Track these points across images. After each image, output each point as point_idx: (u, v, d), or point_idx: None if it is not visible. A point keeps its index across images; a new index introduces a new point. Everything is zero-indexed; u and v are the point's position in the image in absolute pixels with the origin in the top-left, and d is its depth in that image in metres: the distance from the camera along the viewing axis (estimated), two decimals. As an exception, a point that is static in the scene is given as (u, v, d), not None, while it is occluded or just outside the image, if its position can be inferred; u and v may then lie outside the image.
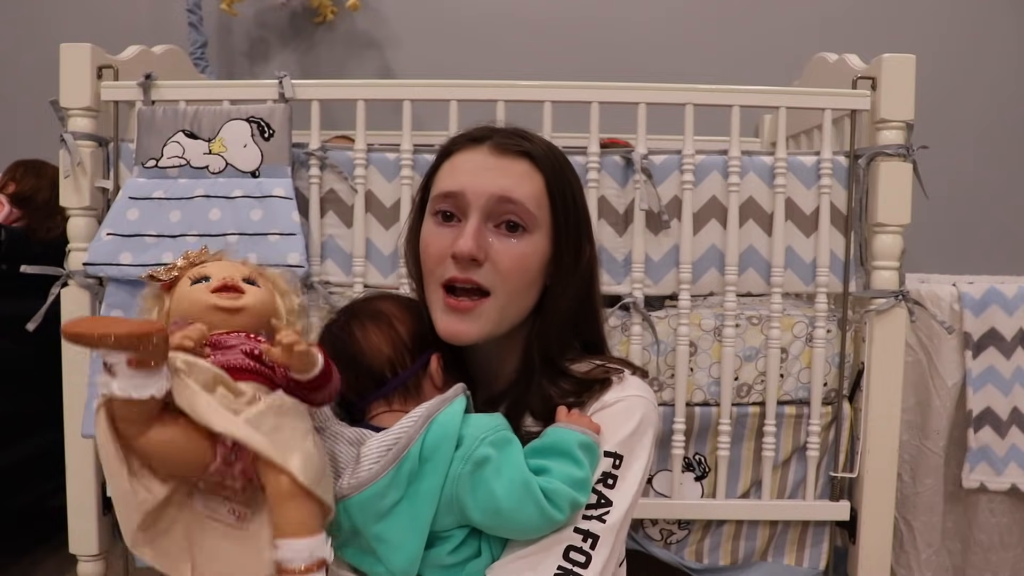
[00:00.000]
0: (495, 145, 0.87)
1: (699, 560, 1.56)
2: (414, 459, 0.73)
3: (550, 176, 0.87)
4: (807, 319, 1.50)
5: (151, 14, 2.41)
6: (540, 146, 0.89)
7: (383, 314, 0.86)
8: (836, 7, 2.36)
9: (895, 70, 1.43)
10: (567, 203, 0.88)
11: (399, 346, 0.83)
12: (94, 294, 1.48)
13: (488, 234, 0.84)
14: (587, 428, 0.79)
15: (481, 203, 0.83)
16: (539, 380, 0.86)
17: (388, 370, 0.82)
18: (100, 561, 1.56)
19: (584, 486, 0.77)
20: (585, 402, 0.85)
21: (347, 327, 0.85)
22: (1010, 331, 1.59)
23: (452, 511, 0.75)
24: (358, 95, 1.49)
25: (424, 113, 1.58)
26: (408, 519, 0.73)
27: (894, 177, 1.44)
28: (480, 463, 0.74)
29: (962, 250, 2.36)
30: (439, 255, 0.84)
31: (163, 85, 1.50)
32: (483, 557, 0.78)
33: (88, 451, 1.50)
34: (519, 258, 0.84)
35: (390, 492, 0.73)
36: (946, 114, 2.31)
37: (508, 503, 0.73)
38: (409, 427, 0.75)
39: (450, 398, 0.78)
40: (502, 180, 0.84)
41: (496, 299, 0.84)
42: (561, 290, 0.88)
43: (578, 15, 2.38)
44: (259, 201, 1.41)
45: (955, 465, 1.64)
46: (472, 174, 0.85)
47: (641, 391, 0.86)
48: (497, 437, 0.76)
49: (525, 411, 0.86)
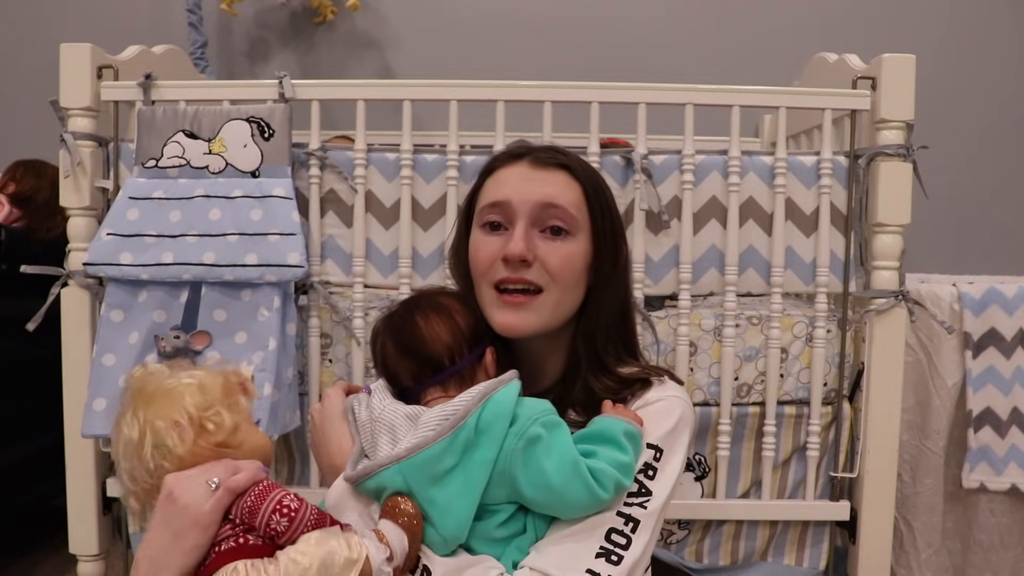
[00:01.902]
0: (534, 159, 0.93)
1: (699, 560, 1.56)
2: (470, 429, 0.77)
3: (587, 185, 0.93)
4: (807, 319, 1.50)
5: (151, 14, 2.41)
6: (575, 159, 0.95)
7: (444, 306, 0.90)
8: (836, 7, 2.36)
9: (895, 70, 1.43)
10: (604, 209, 0.94)
11: (458, 336, 0.88)
12: (94, 294, 1.48)
13: (535, 237, 0.90)
14: (631, 419, 0.84)
15: (527, 209, 0.89)
16: (584, 376, 0.91)
17: (447, 358, 0.86)
18: (100, 561, 1.56)
19: (628, 470, 0.80)
20: (627, 399, 0.89)
21: (410, 316, 0.89)
22: (1010, 331, 1.59)
23: (504, 484, 0.78)
24: (358, 95, 1.49)
25: (424, 113, 1.59)
26: (461, 485, 0.77)
27: (894, 177, 1.44)
28: (532, 440, 0.78)
29: (962, 250, 2.36)
30: (489, 259, 0.90)
31: (163, 85, 1.50)
32: (528, 534, 0.81)
33: (88, 451, 1.50)
34: (565, 257, 0.90)
35: (446, 457, 0.77)
36: (946, 114, 2.31)
37: (558, 479, 0.76)
38: (468, 400, 0.79)
39: (506, 380, 0.83)
40: (545, 188, 0.90)
41: (549, 294, 0.90)
42: (604, 290, 0.93)
43: (578, 15, 2.38)
44: (259, 201, 1.42)
45: (955, 465, 1.64)
46: (516, 184, 0.91)
47: (680, 394, 0.91)
48: (548, 419, 0.80)
49: (570, 405, 0.91)
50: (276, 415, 1.36)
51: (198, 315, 1.38)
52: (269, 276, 1.37)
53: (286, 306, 1.41)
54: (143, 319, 1.39)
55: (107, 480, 1.54)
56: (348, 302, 1.49)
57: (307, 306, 1.47)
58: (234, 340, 1.38)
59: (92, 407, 1.36)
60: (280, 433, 1.39)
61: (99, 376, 1.37)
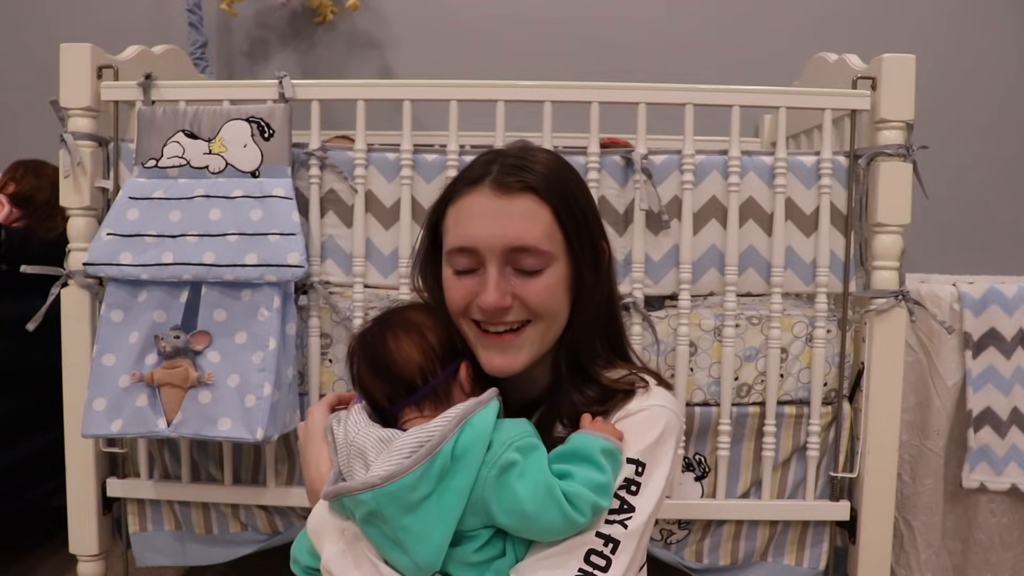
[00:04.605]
0: (495, 184, 0.86)
1: (699, 560, 1.56)
2: (446, 457, 0.75)
3: (557, 204, 0.87)
4: (807, 319, 1.50)
5: (151, 14, 2.41)
6: (541, 170, 0.87)
7: (414, 324, 0.89)
8: (835, 7, 2.36)
9: (895, 70, 1.43)
10: (578, 223, 0.89)
11: (429, 354, 0.86)
12: (94, 294, 1.48)
13: (510, 275, 0.86)
14: (610, 435, 0.81)
15: (496, 255, 0.85)
16: (567, 388, 0.89)
17: (419, 378, 0.85)
18: (100, 561, 1.56)
19: (606, 491, 0.78)
20: (609, 411, 0.87)
21: (381, 336, 0.88)
22: (1010, 331, 1.59)
23: (478, 512, 0.77)
24: (358, 95, 1.49)
25: (424, 113, 1.59)
26: (436, 514, 0.75)
27: (894, 177, 1.44)
28: (506, 467, 0.76)
29: (962, 250, 2.36)
30: (463, 301, 0.87)
31: (163, 85, 1.50)
32: (507, 557, 0.80)
33: (88, 451, 1.51)
34: (544, 291, 0.86)
35: (420, 485, 0.75)
36: (946, 114, 2.31)
37: (531, 505, 0.75)
38: (443, 426, 0.77)
39: (484, 401, 0.81)
40: (511, 228, 0.84)
41: (535, 326, 0.87)
42: (588, 301, 0.91)
43: (578, 15, 2.38)
44: (259, 201, 1.41)
45: (955, 465, 1.64)
46: (480, 225, 0.85)
47: (665, 401, 0.87)
48: (523, 443, 0.78)
49: (556, 419, 0.88)
50: (276, 415, 1.36)
51: (198, 315, 1.38)
52: (269, 276, 1.37)
53: (286, 306, 1.41)
54: (143, 319, 1.39)
55: (107, 480, 1.54)
56: (348, 302, 1.49)
57: (307, 306, 1.47)
58: (234, 340, 1.38)
59: (92, 407, 1.36)
60: (280, 433, 1.39)
61: (99, 376, 1.37)
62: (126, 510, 1.57)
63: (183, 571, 1.83)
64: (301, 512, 1.56)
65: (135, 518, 1.58)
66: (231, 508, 1.57)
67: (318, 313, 1.48)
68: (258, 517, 1.57)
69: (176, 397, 1.36)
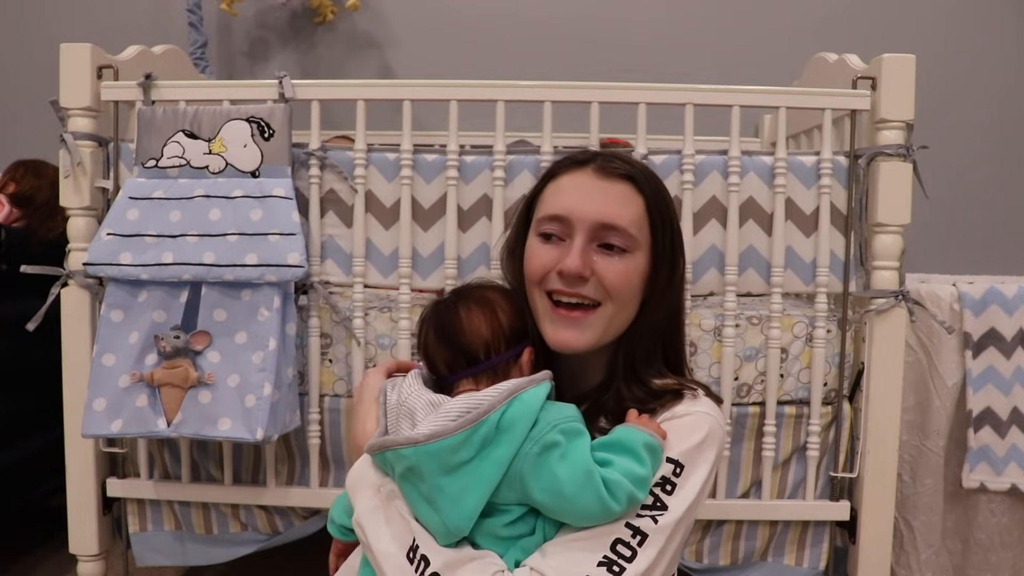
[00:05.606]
0: (599, 167, 0.91)
1: (699, 560, 1.56)
2: (491, 426, 0.77)
3: (651, 198, 0.91)
4: (807, 319, 1.50)
5: (151, 14, 2.41)
6: (641, 170, 0.93)
7: (488, 301, 0.91)
8: (835, 7, 2.36)
9: (895, 70, 1.43)
10: (665, 223, 0.92)
11: (497, 331, 0.88)
12: (94, 294, 1.48)
13: (592, 252, 0.89)
14: (654, 431, 0.82)
15: (586, 226, 0.88)
16: (618, 385, 0.91)
17: (482, 351, 0.87)
18: (100, 561, 1.56)
19: (644, 483, 0.79)
20: (656, 410, 0.88)
21: (454, 306, 0.90)
22: (1010, 331, 1.59)
23: (514, 486, 0.78)
24: (358, 95, 1.49)
25: (424, 113, 1.59)
26: (473, 479, 0.77)
27: (894, 177, 1.44)
28: (548, 447, 0.77)
29: (962, 250, 2.36)
30: (544, 269, 0.90)
31: (163, 85, 1.50)
32: (536, 536, 0.81)
33: (88, 451, 1.51)
34: (623, 273, 0.89)
35: (462, 450, 0.76)
36: (946, 114, 2.31)
37: (570, 487, 0.76)
38: (494, 396, 0.79)
39: (537, 380, 0.82)
40: (605, 206, 0.89)
41: (605, 309, 0.89)
42: (656, 303, 0.92)
43: (578, 15, 2.38)
44: (259, 201, 1.42)
45: (955, 465, 1.64)
46: (577, 197, 0.90)
47: (712, 411, 0.88)
48: (568, 426, 0.79)
49: (602, 412, 0.90)
50: (276, 415, 1.36)
51: (198, 315, 1.38)
52: (269, 276, 1.37)
53: (286, 306, 1.41)
54: (143, 319, 1.39)
55: (107, 480, 1.54)
56: (348, 302, 1.49)
57: (307, 306, 1.47)
58: (234, 340, 1.38)
59: (92, 407, 1.36)
60: (280, 433, 1.39)
61: (99, 376, 1.37)
62: (126, 510, 1.58)
63: (183, 571, 1.83)
64: (301, 512, 1.56)
65: (135, 518, 1.58)
66: (231, 508, 1.57)
67: (318, 313, 1.48)
68: (258, 517, 1.57)
69: (176, 397, 1.36)
